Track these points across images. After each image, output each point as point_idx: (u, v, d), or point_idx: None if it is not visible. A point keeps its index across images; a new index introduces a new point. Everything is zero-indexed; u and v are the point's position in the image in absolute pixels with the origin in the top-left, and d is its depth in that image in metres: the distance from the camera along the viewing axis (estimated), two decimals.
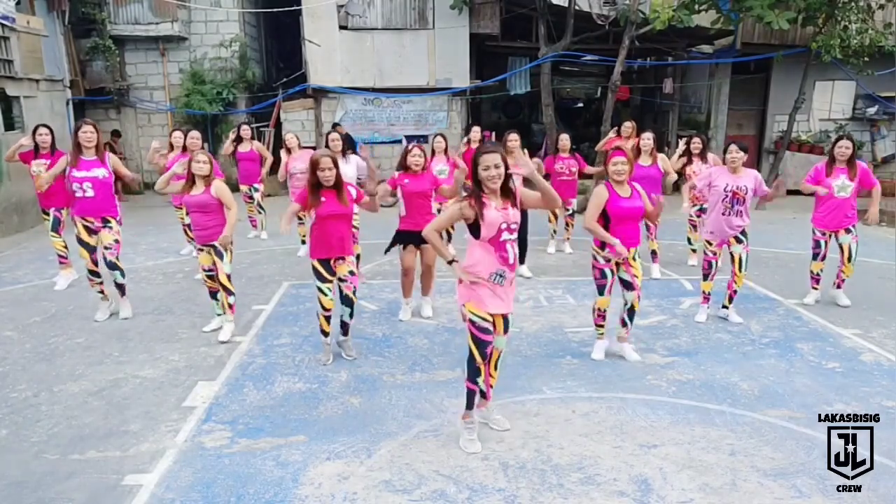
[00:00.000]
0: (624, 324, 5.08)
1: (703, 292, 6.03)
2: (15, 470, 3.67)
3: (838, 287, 6.42)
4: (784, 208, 12.16)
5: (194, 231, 5.57)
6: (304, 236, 8.58)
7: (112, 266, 5.93)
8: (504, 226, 3.60)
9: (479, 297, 3.67)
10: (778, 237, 9.67)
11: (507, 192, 3.63)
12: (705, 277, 5.95)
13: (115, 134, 14.04)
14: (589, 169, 8.49)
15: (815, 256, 6.38)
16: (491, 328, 3.72)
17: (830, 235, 6.25)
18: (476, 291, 3.67)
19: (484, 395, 4.03)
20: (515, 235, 3.68)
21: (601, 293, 4.96)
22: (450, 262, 3.75)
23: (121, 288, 6.10)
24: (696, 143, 7.84)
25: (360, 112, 14.07)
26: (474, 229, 3.63)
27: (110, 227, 5.93)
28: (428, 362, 5.13)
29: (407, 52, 13.71)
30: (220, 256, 5.49)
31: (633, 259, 4.86)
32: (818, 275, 6.45)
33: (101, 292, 6.09)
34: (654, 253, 7.47)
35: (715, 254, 5.89)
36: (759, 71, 15.00)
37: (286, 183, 8.79)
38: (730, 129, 15.09)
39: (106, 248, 5.92)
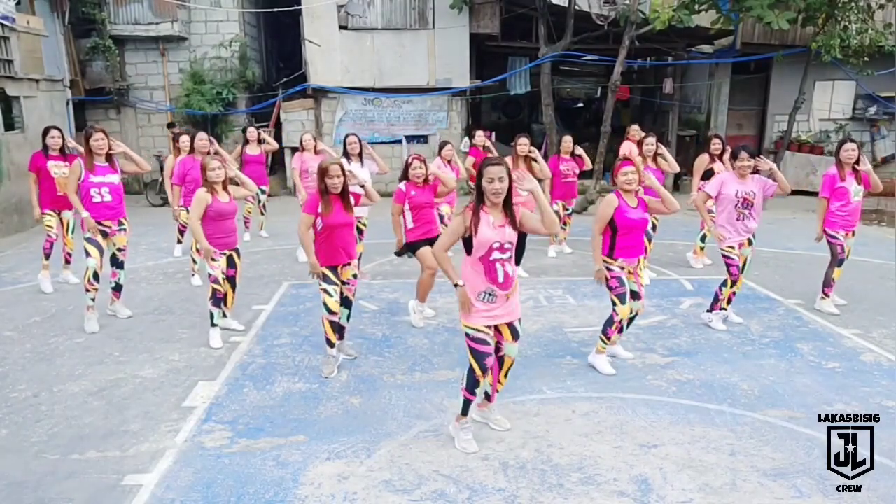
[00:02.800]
0: (620, 330, 5.03)
1: (725, 298, 5.82)
2: (15, 470, 3.67)
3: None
4: (784, 208, 12.17)
5: (222, 238, 5.43)
6: None
7: (122, 266, 6.06)
8: (496, 245, 3.56)
9: (470, 311, 3.68)
10: (778, 237, 9.67)
11: (508, 207, 3.57)
12: (733, 284, 5.74)
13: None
14: (588, 165, 8.47)
15: (840, 262, 6.20)
16: (487, 339, 3.66)
17: (846, 236, 6.20)
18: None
19: (488, 398, 4.02)
20: (509, 255, 3.61)
21: (623, 302, 4.74)
22: (456, 285, 3.68)
23: (119, 289, 6.16)
24: (717, 144, 7.83)
25: (360, 112, 14.07)
26: (467, 244, 3.61)
27: (125, 230, 6.01)
28: (428, 362, 5.13)
29: (407, 52, 13.70)
30: (240, 257, 5.65)
31: (640, 267, 4.86)
32: (836, 282, 6.28)
33: (93, 300, 5.89)
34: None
35: (738, 257, 5.72)
36: (759, 71, 15.00)
37: (292, 182, 8.77)
38: (730, 129, 15.08)
39: (120, 249, 5.99)
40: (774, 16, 10.59)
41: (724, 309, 5.94)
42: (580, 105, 21.72)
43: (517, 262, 7.40)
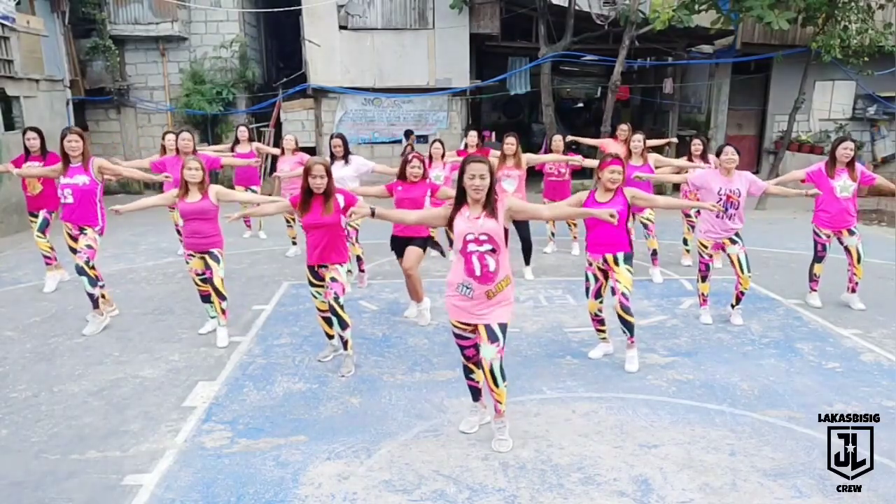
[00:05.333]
0: (601, 322, 5.16)
1: (702, 294, 6.03)
2: (15, 470, 3.67)
3: (853, 291, 6.35)
4: (784, 208, 12.17)
5: (189, 238, 5.41)
6: (293, 238, 8.59)
7: (79, 271, 5.67)
8: (470, 237, 3.57)
9: (449, 304, 3.82)
10: (778, 237, 9.68)
11: (488, 203, 3.60)
12: (702, 280, 5.97)
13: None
14: (587, 162, 8.14)
15: (819, 259, 6.34)
16: (462, 333, 3.82)
17: (832, 237, 6.25)
18: (449, 298, 3.81)
19: (495, 409, 3.90)
20: (487, 248, 3.57)
21: (586, 296, 5.12)
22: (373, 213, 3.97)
23: (90, 298, 5.78)
24: (697, 145, 7.86)
25: (360, 112, 14.07)
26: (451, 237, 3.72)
27: (85, 234, 5.84)
28: (428, 362, 5.13)
29: (407, 52, 13.71)
30: (217, 261, 5.42)
31: (617, 265, 4.84)
32: (819, 276, 6.44)
33: (102, 296, 5.95)
34: (654, 253, 7.45)
35: (710, 256, 5.91)
36: (759, 71, 15.01)
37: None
38: (730, 129, 15.09)
39: (76, 251, 5.84)
40: (774, 16, 10.58)
41: (732, 307, 5.95)
42: (580, 105, 21.71)
43: (526, 262, 7.46)
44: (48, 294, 6.94)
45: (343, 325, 4.83)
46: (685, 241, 8.16)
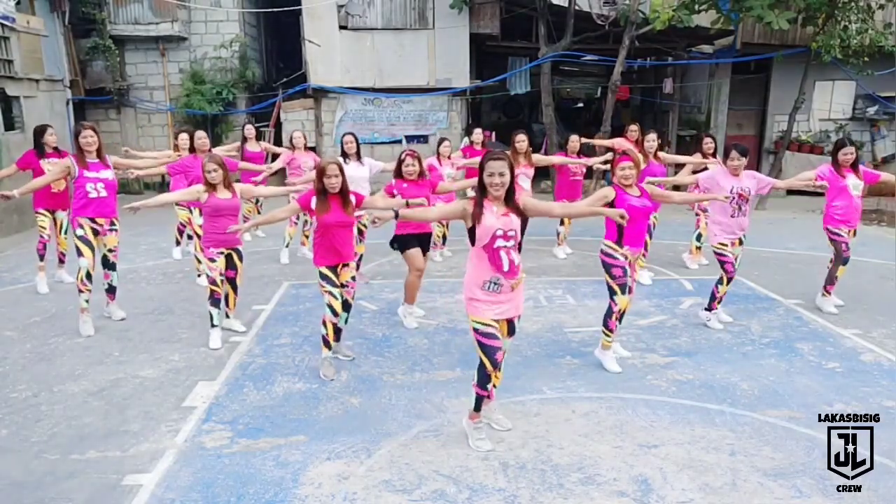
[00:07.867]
0: (619, 319, 5.07)
1: (721, 297, 5.80)
2: (15, 470, 3.67)
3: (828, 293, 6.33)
4: (784, 208, 12.17)
5: (217, 235, 5.37)
6: (290, 237, 8.61)
7: (114, 267, 6.00)
8: (500, 232, 3.57)
9: (477, 305, 3.68)
10: (778, 237, 9.67)
11: (509, 199, 3.62)
12: (729, 281, 5.72)
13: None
14: (591, 160, 8.19)
15: (844, 261, 6.12)
16: (496, 333, 3.68)
17: (850, 233, 6.16)
18: (474, 300, 3.69)
19: (488, 395, 4.01)
20: (513, 243, 3.63)
21: (623, 292, 4.83)
22: (396, 215, 4.02)
23: (113, 291, 6.13)
24: (708, 143, 7.86)
25: (360, 112, 14.07)
26: (471, 235, 3.64)
27: (116, 230, 5.94)
28: (428, 362, 5.13)
29: (407, 52, 13.71)
30: (242, 259, 5.58)
31: (638, 265, 4.86)
32: (838, 280, 6.23)
33: (87, 301, 5.80)
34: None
35: (735, 255, 5.70)
36: (759, 71, 14.99)
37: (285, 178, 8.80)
38: (730, 129, 15.07)
39: (110, 250, 5.94)
40: (774, 16, 10.58)
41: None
42: (580, 105, 21.72)
43: None
44: (53, 293, 6.91)
45: (347, 319, 5.04)
46: (698, 237, 7.96)
